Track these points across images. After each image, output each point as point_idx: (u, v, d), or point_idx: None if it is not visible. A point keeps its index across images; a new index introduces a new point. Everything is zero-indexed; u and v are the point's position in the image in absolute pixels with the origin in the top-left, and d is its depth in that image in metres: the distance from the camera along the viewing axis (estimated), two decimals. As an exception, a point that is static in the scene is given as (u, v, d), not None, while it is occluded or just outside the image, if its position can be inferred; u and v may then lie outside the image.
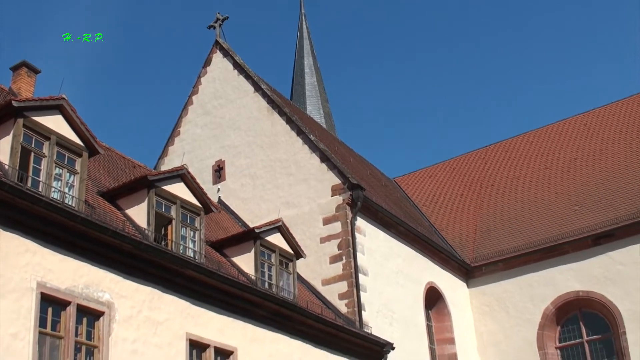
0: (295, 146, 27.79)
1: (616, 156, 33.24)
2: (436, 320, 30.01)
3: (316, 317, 21.11)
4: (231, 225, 25.42)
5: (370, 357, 23.37)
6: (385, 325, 25.32)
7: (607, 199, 31.06)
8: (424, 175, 39.89)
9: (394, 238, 27.94)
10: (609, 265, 29.29)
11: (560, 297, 29.99)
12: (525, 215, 32.98)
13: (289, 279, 22.01)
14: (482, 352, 30.96)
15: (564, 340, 30.25)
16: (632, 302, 28.46)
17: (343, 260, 25.16)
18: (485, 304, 31.50)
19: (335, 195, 26.13)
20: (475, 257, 32.24)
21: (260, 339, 19.12)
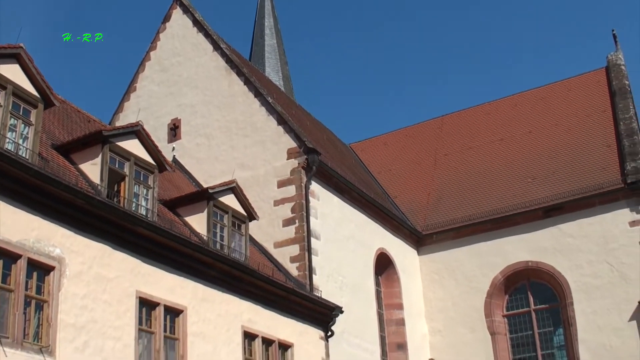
0: (252, 108, 27.68)
1: (570, 131, 33.68)
2: (385, 285, 30.30)
3: (267, 279, 21.19)
4: (185, 185, 25.33)
5: (319, 320, 23.56)
6: (335, 290, 25.50)
7: (559, 173, 31.52)
8: (379, 142, 40.02)
9: (347, 203, 28.07)
10: (559, 237, 29.84)
11: (510, 266, 30.51)
12: (477, 186, 33.34)
13: (241, 240, 22.04)
14: (430, 318, 31.40)
15: (512, 309, 30.85)
16: (580, 274, 29.10)
17: (296, 224, 25.22)
18: (434, 271, 31.88)
19: (291, 158, 26.12)
20: (426, 225, 32.55)
21: (210, 299, 19.16)
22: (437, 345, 31.01)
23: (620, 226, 28.87)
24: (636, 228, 28.54)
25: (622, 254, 28.58)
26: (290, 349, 22.02)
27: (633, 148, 30.12)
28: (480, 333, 30.33)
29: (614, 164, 30.36)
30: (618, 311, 28.14)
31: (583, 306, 28.83)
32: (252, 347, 20.52)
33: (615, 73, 34.82)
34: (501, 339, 30.36)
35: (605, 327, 28.25)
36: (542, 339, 30.17)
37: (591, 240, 29.28)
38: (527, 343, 30.32)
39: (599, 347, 28.20)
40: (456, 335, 30.74)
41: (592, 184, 29.96)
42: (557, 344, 30.03)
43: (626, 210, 28.98)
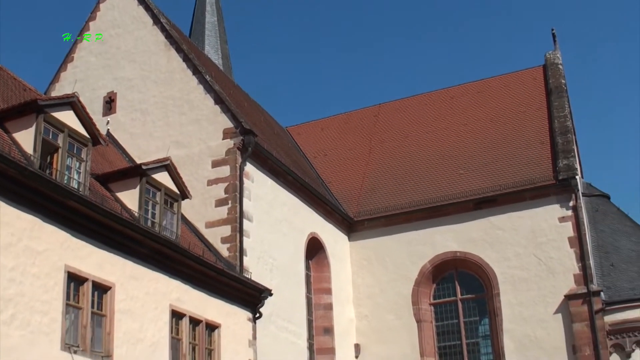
0: (190, 85, 27.38)
1: (505, 126, 34.13)
2: (315, 270, 30.37)
3: (197, 258, 21.05)
4: (118, 160, 24.97)
5: (247, 302, 23.51)
6: (265, 272, 25.47)
7: (492, 166, 31.94)
8: (316, 127, 40.00)
9: (281, 186, 28.01)
10: (488, 229, 30.27)
11: (438, 256, 30.85)
12: (411, 175, 33.57)
13: (173, 218, 21.85)
14: (358, 303, 31.58)
15: (439, 298, 31.23)
16: (507, 266, 29.61)
17: (229, 205, 25.08)
18: (364, 257, 32.06)
19: (227, 138, 25.94)
20: (358, 211, 32.70)
21: (140, 276, 18.95)
22: (363, 330, 31.23)
23: (549, 221, 29.40)
24: (565, 224, 29.10)
25: (550, 249, 29.13)
26: (218, 330, 21.94)
27: (566, 146, 30.66)
28: (406, 320, 30.64)
29: (546, 160, 30.87)
30: (544, 304, 28.72)
31: (509, 297, 29.36)
32: (180, 326, 20.39)
33: (553, 71, 35.33)
34: (427, 326, 30.72)
35: (530, 318, 28.82)
36: (467, 328, 30.64)
37: (520, 233, 29.78)
38: (452, 331, 30.75)
39: (524, 337, 28.76)
40: (383, 321, 31.00)
41: (524, 178, 30.43)
42: (482, 334, 30.53)
43: (556, 206, 29.51)
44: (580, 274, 28.43)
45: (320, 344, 29.36)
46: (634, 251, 30.23)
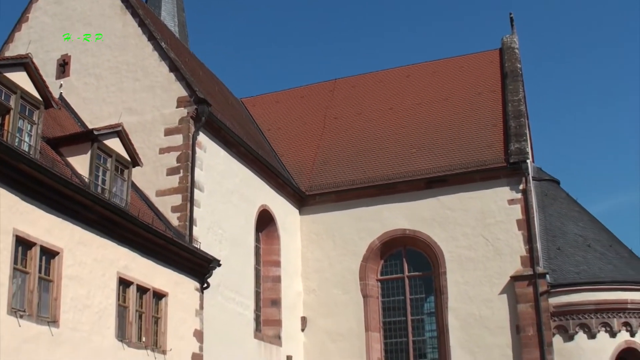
0: (145, 51, 27.01)
1: (459, 107, 34.36)
2: (265, 242, 30.37)
3: (146, 226, 20.88)
4: (70, 124, 24.60)
5: (195, 272, 23.42)
6: (214, 242, 25.38)
7: (445, 146, 32.16)
8: (271, 100, 39.86)
9: (234, 158, 27.88)
10: (438, 208, 30.54)
11: (387, 233, 31.08)
12: (364, 152, 33.66)
13: (123, 185, 21.64)
14: (306, 277, 31.71)
15: (386, 274, 31.52)
16: (455, 245, 29.96)
17: (180, 174, 24.88)
18: (314, 231, 32.15)
19: (180, 107, 25.69)
20: (310, 185, 32.72)
21: (88, 243, 18.75)
22: (310, 303, 31.38)
23: (499, 203, 29.74)
24: (514, 206, 29.46)
25: (499, 230, 29.49)
26: (165, 298, 21.85)
27: (519, 130, 30.97)
28: (353, 295, 30.87)
29: (498, 143, 31.16)
30: (490, 284, 29.13)
31: (456, 276, 29.74)
32: (127, 293, 20.26)
33: (509, 55, 35.61)
34: (373, 301, 30.99)
35: (475, 297, 29.22)
36: (413, 304, 30.99)
37: (469, 214, 30.09)
38: (398, 307, 31.08)
39: (468, 316, 29.17)
40: (330, 295, 31.19)
41: (475, 160, 30.70)
42: (427, 311, 30.90)
43: (506, 188, 29.84)
44: (527, 256, 28.86)
45: (267, 315, 29.44)
46: (581, 236, 30.73)
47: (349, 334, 30.58)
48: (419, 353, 30.72)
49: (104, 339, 18.78)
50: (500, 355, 28.52)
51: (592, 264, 29.39)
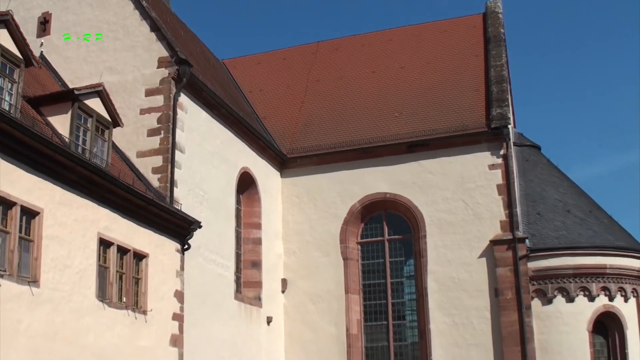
0: (126, 10, 26.68)
1: (442, 71, 34.33)
2: (246, 204, 30.36)
3: (126, 187, 20.79)
4: (50, 84, 24.36)
5: (176, 233, 23.41)
6: (195, 204, 25.35)
7: (426, 111, 32.18)
8: (253, 62, 39.61)
9: (215, 119, 27.76)
10: (419, 172, 30.64)
11: (368, 196, 31.17)
12: (345, 115, 33.61)
13: (104, 146, 21.52)
14: (286, 239, 31.80)
15: (366, 237, 31.67)
16: (435, 209, 30.11)
17: (161, 135, 24.74)
18: (295, 194, 32.17)
19: (161, 67, 25.47)
20: (292, 148, 32.68)
21: (68, 203, 18.67)
22: (291, 265, 31.50)
23: (479, 168, 29.85)
24: (495, 171, 29.60)
25: (478, 195, 29.65)
26: (145, 259, 21.85)
27: (500, 95, 31.01)
28: (333, 257, 31.03)
29: (480, 108, 31.21)
30: (469, 248, 29.35)
31: (435, 240, 29.93)
32: (107, 254, 20.22)
33: (492, 20, 35.55)
34: (353, 264, 31.16)
35: (454, 260, 29.45)
36: (392, 267, 31.21)
37: (450, 178, 30.20)
38: (378, 270, 31.28)
39: (447, 279, 29.42)
40: (310, 257, 31.31)
41: (457, 124, 30.75)
42: (407, 274, 31.13)
43: (487, 153, 29.95)
44: (506, 221, 29.07)
45: (247, 277, 29.54)
46: (561, 201, 30.93)
47: (328, 296, 30.77)
48: (398, 315, 31.00)
49: (85, 299, 18.78)
50: (479, 317, 28.83)
51: (571, 229, 29.63)
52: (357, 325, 30.73)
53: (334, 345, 30.37)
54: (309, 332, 30.74)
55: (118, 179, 20.52)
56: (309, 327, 30.79)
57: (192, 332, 23.95)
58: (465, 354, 28.81)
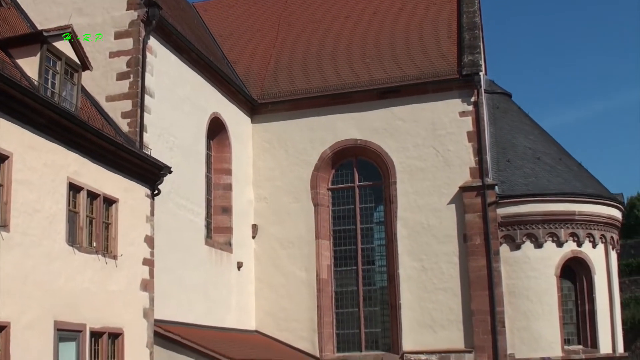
0: (94, -49, 26.14)
1: (414, 17, 34.15)
2: (216, 150, 30.24)
3: (96, 131, 20.57)
4: (19, 25, 23.84)
5: (146, 178, 23.27)
6: (165, 149, 25.19)
7: (398, 57, 32.06)
8: (224, 5, 39.03)
9: (185, 64, 27.47)
10: (390, 119, 30.63)
11: (339, 142, 31.18)
12: (317, 60, 33.40)
13: (73, 90, 21.21)
14: (257, 185, 31.77)
15: (337, 183, 31.76)
16: (406, 156, 30.21)
17: (130, 79, 24.43)
18: (266, 140, 32.06)
19: (131, 9, 24.99)
20: (263, 94, 32.48)
21: (38, 147, 18.45)
22: (261, 211, 31.54)
23: (450, 115, 29.92)
24: (465, 119, 29.69)
25: (449, 142, 29.76)
26: (115, 204, 21.73)
27: (472, 42, 30.97)
28: (304, 203, 31.11)
29: (452, 54, 31.17)
30: (439, 194, 29.55)
31: (405, 186, 30.08)
32: (77, 199, 20.07)
33: (466, -35, 35.22)
34: (324, 210, 31.27)
35: (424, 207, 29.67)
36: (362, 213, 31.38)
37: (420, 125, 30.25)
38: (348, 216, 31.45)
39: (417, 224, 29.67)
40: (281, 203, 31.35)
41: (428, 71, 30.71)
42: (376, 220, 31.35)
43: (458, 100, 30.02)
44: (476, 168, 29.27)
45: (218, 222, 29.54)
46: (531, 149, 31.15)
47: (299, 241, 30.91)
48: (368, 260, 31.29)
49: (55, 243, 18.69)
50: (447, 262, 29.17)
51: (541, 176, 29.90)
52: (327, 270, 30.97)
53: (304, 290, 30.61)
54: (280, 277, 30.93)
55: (87, 123, 20.29)
56: (280, 272, 30.96)
57: (163, 277, 23.98)
58: (433, 298, 29.19)
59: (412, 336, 29.28)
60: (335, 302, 31.08)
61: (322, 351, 30.11)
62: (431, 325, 29.09)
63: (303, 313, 30.48)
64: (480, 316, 28.42)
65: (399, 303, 29.55)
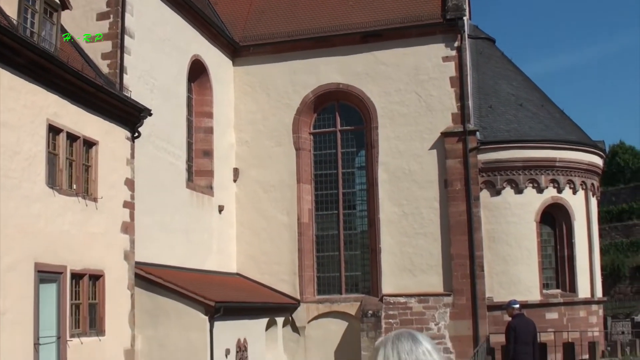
0: None
1: (397, -41, 33.66)
2: (197, 93, 30.02)
3: (75, 72, 20.34)
4: (-6, -38, 23.46)
5: (126, 121, 23.10)
6: (145, 91, 24.97)
7: (381, 0, 31.67)
8: (204, -55, 38.42)
9: (166, 4, 27.11)
10: (373, 63, 30.43)
11: (321, 86, 30.98)
12: (300, 3, 33.01)
13: (52, 29, 20.90)
14: (238, 129, 31.62)
15: (319, 127, 31.65)
16: (388, 101, 30.10)
17: (110, 19, 24.11)
18: (248, 83, 31.83)
19: (110, -53, 24.63)
20: (245, 36, 32.14)
21: (17, 88, 18.21)
22: (243, 155, 31.45)
23: (433, 60, 29.77)
24: (448, 63, 29.56)
25: (432, 87, 29.65)
26: (95, 147, 21.59)
27: (456, -15, 30.66)
28: (286, 147, 31.03)
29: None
30: (420, 139, 29.54)
31: (387, 131, 30.03)
32: (57, 141, 19.92)
33: None
34: (305, 154, 31.22)
35: (405, 152, 29.67)
36: (344, 158, 31.38)
37: (403, 70, 30.09)
38: (329, 161, 31.44)
39: (398, 169, 29.70)
40: (262, 147, 31.26)
41: (412, 15, 30.46)
42: (358, 164, 31.37)
43: (441, 45, 29.84)
44: (458, 113, 29.24)
45: (199, 166, 29.47)
46: (513, 95, 31.12)
47: (280, 185, 30.91)
48: (349, 205, 31.38)
49: (34, 185, 18.59)
50: (428, 207, 29.29)
51: (522, 123, 29.94)
52: (308, 214, 31.04)
53: (285, 233, 30.71)
54: (261, 221, 30.97)
55: (67, 64, 20.04)
56: (261, 216, 31.00)
57: (143, 219, 23.97)
58: (413, 242, 29.37)
59: (391, 280, 29.52)
60: (316, 245, 31.24)
61: (302, 294, 30.34)
62: (411, 269, 29.33)
63: (284, 256, 30.63)
64: (460, 260, 28.67)
65: (379, 247, 29.72)
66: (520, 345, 16.99)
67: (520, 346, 17.00)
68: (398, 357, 3.93)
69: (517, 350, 17.05)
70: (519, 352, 17.05)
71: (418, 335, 4.03)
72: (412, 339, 3.99)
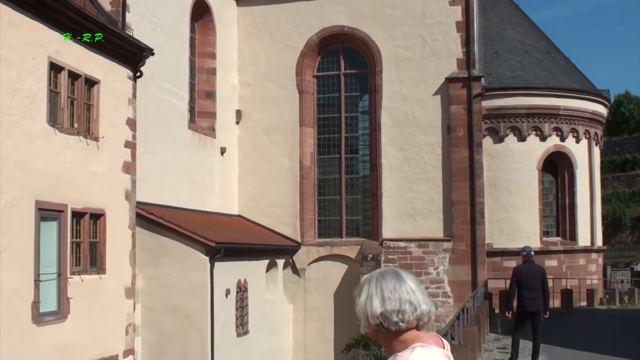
0: None
1: None
2: (201, 33, 29.74)
3: (77, 10, 20.06)
4: None
5: (128, 60, 22.90)
6: (148, 31, 24.72)
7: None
8: None
9: (170, -58, 26.77)
10: (378, 6, 30.09)
11: (326, 29, 30.67)
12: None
13: (54, -35, 20.62)
14: (242, 70, 31.41)
15: (322, 70, 31.42)
16: (393, 45, 29.82)
17: (113, -45, 23.79)
18: (251, 24, 31.53)
19: None
20: (249, -24, 31.78)
21: (18, 25, 17.98)
22: (245, 97, 31.29)
23: (440, 4, 29.41)
24: (455, 8, 29.19)
25: (437, 32, 29.34)
26: (97, 85, 21.43)
27: None
28: (289, 90, 30.85)
29: (444, -59, 30.37)
30: (425, 84, 29.34)
31: (391, 75, 29.81)
32: (58, 79, 19.77)
33: None
34: (308, 97, 31.07)
35: (409, 97, 29.49)
36: (347, 102, 31.21)
37: (409, 13, 29.74)
38: (333, 104, 31.28)
39: (401, 114, 29.55)
40: (266, 90, 31.09)
41: (419, -44, 30.01)
42: (361, 109, 31.23)
43: (448, -12, 29.47)
44: (463, 59, 28.98)
45: (201, 107, 29.33)
46: (519, 41, 30.83)
47: (283, 128, 30.81)
48: (351, 149, 31.33)
49: (35, 123, 18.51)
50: (430, 153, 29.22)
51: (527, 70, 29.72)
52: (310, 157, 31.01)
53: (287, 176, 30.71)
54: (263, 163, 30.95)
55: (69, 1, 19.80)
56: (263, 158, 30.97)
57: (145, 159, 23.92)
58: (414, 187, 29.37)
59: (392, 224, 29.59)
60: (318, 189, 31.27)
61: (303, 236, 30.45)
62: (411, 214, 29.38)
63: (286, 199, 30.68)
64: (460, 206, 28.69)
65: (381, 192, 29.74)
66: (525, 291, 17.01)
67: (524, 291, 17.02)
68: (381, 294, 3.94)
69: (522, 295, 17.08)
70: (523, 297, 17.07)
71: (403, 273, 4.04)
72: (397, 277, 4.00)
